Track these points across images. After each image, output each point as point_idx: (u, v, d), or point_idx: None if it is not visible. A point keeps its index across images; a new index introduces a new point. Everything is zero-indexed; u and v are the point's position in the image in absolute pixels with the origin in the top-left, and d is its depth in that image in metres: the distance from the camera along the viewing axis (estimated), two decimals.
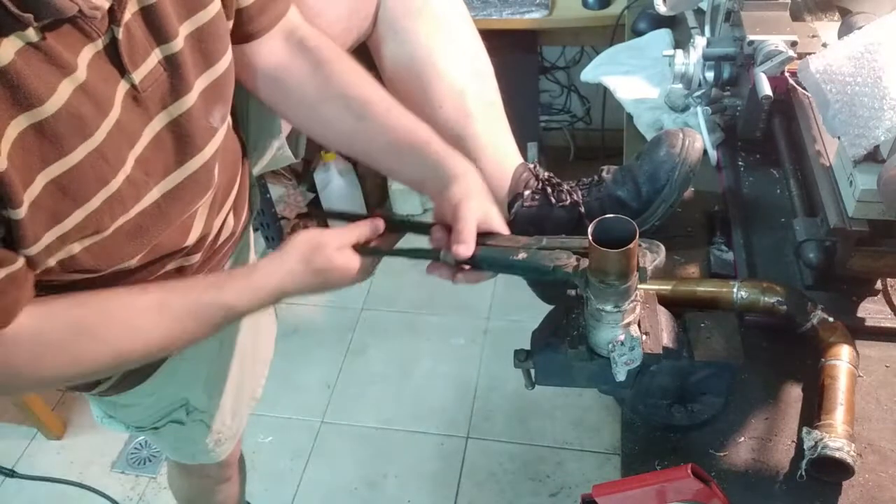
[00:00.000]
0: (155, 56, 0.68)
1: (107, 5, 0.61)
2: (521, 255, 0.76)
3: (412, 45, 0.96)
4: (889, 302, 0.90)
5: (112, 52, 0.64)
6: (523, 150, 1.05)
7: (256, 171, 1.02)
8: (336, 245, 0.78)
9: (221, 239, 0.90)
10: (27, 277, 0.64)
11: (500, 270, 0.79)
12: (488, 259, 0.78)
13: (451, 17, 0.99)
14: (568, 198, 0.97)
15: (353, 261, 0.79)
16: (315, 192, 2.41)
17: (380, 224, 0.83)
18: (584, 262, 0.72)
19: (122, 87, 0.65)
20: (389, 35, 0.97)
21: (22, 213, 0.59)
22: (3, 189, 0.57)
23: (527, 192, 0.98)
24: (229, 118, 0.82)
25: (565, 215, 0.97)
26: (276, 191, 2.33)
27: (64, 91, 0.59)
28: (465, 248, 0.76)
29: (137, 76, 0.66)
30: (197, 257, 0.86)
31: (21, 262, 0.62)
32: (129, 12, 0.64)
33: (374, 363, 2.10)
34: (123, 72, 0.65)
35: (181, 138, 0.72)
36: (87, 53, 0.62)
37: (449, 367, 2.05)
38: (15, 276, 0.62)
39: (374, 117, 0.84)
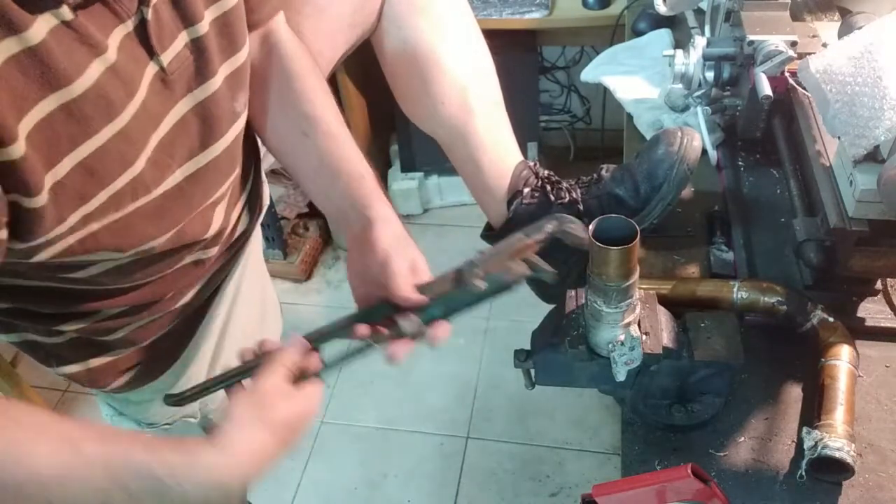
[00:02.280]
0: (182, 39, 0.68)
1: None
2: (481, 284, 0.72)
3: (415, 42, 0.96)
4: (889, 302, 0.90)
5: (141, 34, 0.64)
6: (523, 150, 1.05)
7: (265, 167, 1.02)
8: (277, 392, 0.66)
9: (237, 233, 0.90)
10: None
11: (466, 310, 0.74)
12: (452, 305, 0.73)
13: (454, 16, 0.99)
14: (567, 196, 0.98)
15: (303, 398, 0.67)
16: None
17: (301, 341, 0.73)
18: (533, 259, 0.72)
19: (151, 70, 0.65)
20: (393, 31, 0.97)
21: (42, 200, 0.58)
22: (19, 177, 0.55)
23: (526, 190, 0.99)
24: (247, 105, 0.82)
25: (564, 213, 0.97)
26: (276, 191, 2.33)
27: (94, 71, 0.59)
28: (415, 302, 0.72)
29: (165, 58, 0.66)
30: (214, 251, 0.85)
31: None
32: None
33: (374, 363, 2.09)
34: (152, 54, 0.65)
35: (206, 122, 0.72)
36: (118, 34, 0.61)
37: (449, 367, 2.05)
38: None
39: (317, 137, 0.83)
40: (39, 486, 0.55)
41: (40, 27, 0.55)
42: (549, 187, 0.98)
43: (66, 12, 0.57)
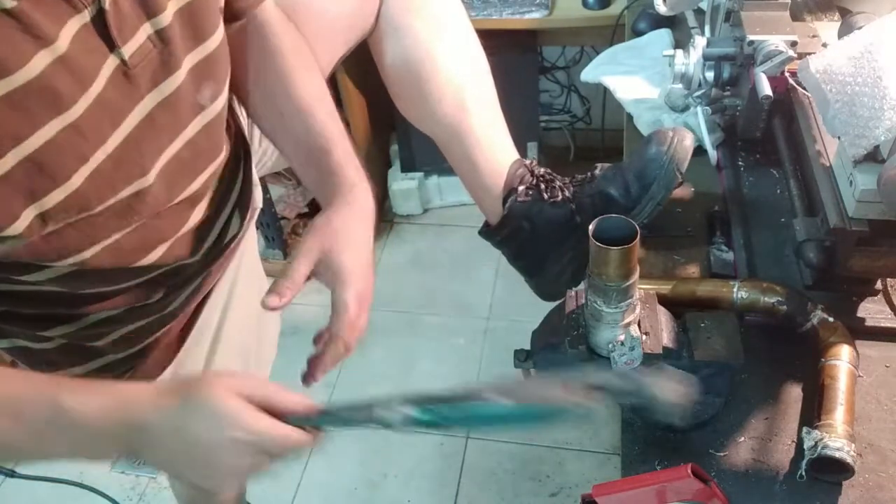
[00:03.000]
0: (144, 31, 0.65)
1: None
2: (401, 412, 0.62)
3: (412, 42, 0.97)
4: (889, 302, 0.90)
5: (99, 25, 0.61)
6: (523, 150, 1.05)
7: (261, 172, 1.02)
8: (237, 389, 0.63)
9: (227, 237, 0.89)
10: None
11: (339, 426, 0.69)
12: (333, 414, 0.68)
13: (449, 17, 1.00)
14: (560, 194, 0.98)
15: (258, 418, 0.64)
16: None
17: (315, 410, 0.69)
18: (410, 409, 0.61)
19: (112, 63, 0.63)
20: (389, 31, 0.98)
21: None
22: None
23: (521, 188, 0.99)
24: (223, 99, 0.79)
25: (556, 211, 0.98)
26: (276, 191, 2.33)
27: (39, 62, 0.57)
28: (273, 298, 0.69)
29: (127, 51, 0.63)
30: (198, 255, 0.84)
31: None
32: None
33: (375, 363, 2.10)
34: (112, 46, 0.62)
35: (172, 116, 0.71)
36: (73, 25, 0.59)
37: (449, 367, 2.05)
38: None
39: (292, 115, 0.83)
40: None
41: None
42: (543, 185, 0.99)
43: (5, 0, 0.54)
